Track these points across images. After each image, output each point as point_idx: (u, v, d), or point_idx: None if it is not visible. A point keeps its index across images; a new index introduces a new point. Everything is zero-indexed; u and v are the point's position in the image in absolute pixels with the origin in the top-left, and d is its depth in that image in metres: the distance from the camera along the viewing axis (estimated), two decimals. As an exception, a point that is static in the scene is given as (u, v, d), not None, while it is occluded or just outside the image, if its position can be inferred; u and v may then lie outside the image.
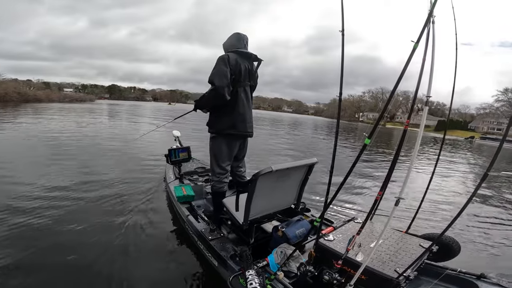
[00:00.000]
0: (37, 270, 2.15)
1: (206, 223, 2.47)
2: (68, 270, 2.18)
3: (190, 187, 3.02)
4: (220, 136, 2.35)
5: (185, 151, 3.51)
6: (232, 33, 2.38)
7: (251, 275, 1.63)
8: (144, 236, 2.78)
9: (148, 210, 3.38)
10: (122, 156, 6.38)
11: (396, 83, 1.26)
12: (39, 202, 3.34)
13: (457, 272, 1.83)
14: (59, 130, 9.74)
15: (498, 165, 11.33)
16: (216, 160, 2.41)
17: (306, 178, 2.34)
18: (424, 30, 1.20)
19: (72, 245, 2.50)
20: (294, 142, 13.17)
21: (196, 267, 2.37)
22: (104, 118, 17.33)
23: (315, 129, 25.66)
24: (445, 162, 10.45)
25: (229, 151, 2.40)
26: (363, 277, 1.46)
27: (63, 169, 4.85)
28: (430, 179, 2.33)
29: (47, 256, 2.34)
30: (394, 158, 1.39)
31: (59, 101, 34.31)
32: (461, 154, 15.58)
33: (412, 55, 1.20)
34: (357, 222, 2.19)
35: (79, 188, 3.93)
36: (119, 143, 7.99)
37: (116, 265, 2.28)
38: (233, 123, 2.30)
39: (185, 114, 3.29)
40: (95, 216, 3.09)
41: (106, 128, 11.92)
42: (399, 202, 1.30)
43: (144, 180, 4.52)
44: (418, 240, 1.92)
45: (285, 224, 2.14)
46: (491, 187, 6.38)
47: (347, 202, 4.37)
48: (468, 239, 3.42)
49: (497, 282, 1.71)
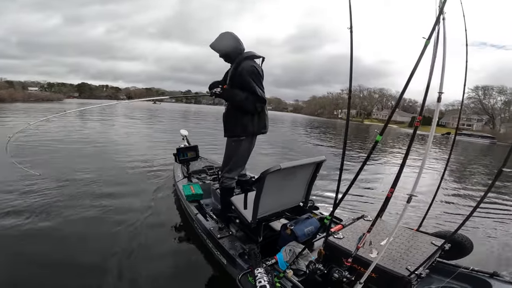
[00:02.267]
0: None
1: (214, 222, 2.49)
2: (76, 270, 2.22)
3: (198, 186, 3.04)
4: (245, 138, 2.33)
5: (193, 150, 3.53)
6: (221, 33, 2.30)
7: (260, 273, 1.63)
8: (152, 235, 2.81)
9: (156, 209, 3.41)
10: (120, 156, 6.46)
11: (407, 81, 1.26)
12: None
13: (469, 270, 1.80)
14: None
15: (474, 158, 11.25)
16: (236, 158, 2.39)
17: (314, 175, 2.33)
18: (435, 27, 1.18)
19: (77, 247, 2.54)
20: (273, 139, 12.87)
21: (205, 265, 2.39)
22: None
23: (294, 126, 25.52)
24: (434, 160, 10.31)
25: (249, 149, 2.43)
26: (373, 275, 1.45)
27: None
28: (442, 176, 2.30)
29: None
30: (405, 155, 1.37)
31: (23, 101, 32.11)
32: (446, 150, 15.25)
33: (423, 52, 1.19)
34: (366, 220, 2.17)
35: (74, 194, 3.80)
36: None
37: (125, 264, 2.32)
38: (262, 124, 2.37)
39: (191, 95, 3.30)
40: (101, 214, 3.14)
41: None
42: (411, 199, 1.28)
43: (150, 179, 4.57)
44: (429, 238, 1.89)
45: (294, 222, 2.13)
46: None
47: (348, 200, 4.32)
48: (480, 236, 3.35)
49: (510, 281, 1.68)
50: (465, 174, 8.51)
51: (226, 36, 2.28)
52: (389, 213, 3.43)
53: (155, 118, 20.21)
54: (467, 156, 12.31)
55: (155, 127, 14.02)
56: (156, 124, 16.10)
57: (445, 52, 1.24)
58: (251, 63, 2.21)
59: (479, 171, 9.41)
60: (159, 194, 3.95)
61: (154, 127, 14.28)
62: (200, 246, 2.58)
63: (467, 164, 10.94)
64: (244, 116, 2.26)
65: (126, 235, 2.74)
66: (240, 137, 2.31)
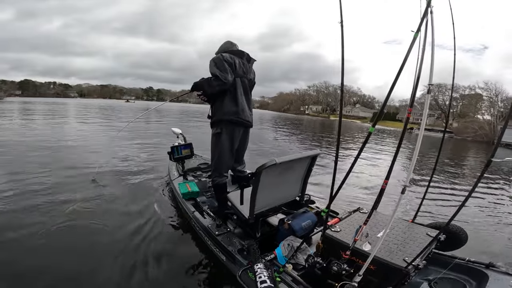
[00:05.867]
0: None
1: (212, 219, 2.48)
2: (71, 273, 2.16)
3: (194, 184, 3.02)
4: (222, 126, 2.40)
5: (188, 147, 3.51)
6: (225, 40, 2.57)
7: (260, 268, 1.64)
8: (150, 234, 2.78)
9: (152, 208, 3.38)
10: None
11: (395, 77, 1.27)
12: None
13: (465, 261, 1.83)
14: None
15: (425, 150, 11.60)
16: (218, 152, 2.45)
17: (309, 169, 2.34)
18: (423, 20, 1.19)
19: (73, 249, 2.49)
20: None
21: (204, 262, 2.38)
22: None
23: (261, 122, 25.59)
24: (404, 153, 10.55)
25: (231, 141, 2.44)
26: (371, 267, 1.46)
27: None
28: (434, 168, 2.33)
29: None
30: (397, 149, 1.38)
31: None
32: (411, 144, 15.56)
33: (412, 45, 1.20)
34: (362, 213, 2.18)
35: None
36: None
37: (125, 263, 2.29)
38: (235, 110, 2.38)
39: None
40: (96, 215, 3.10)
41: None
42: (405, 190, 1.29)
43: (144, 178, 4.53)
44: (425, 230, 1.91)
45: (291, 217, 2.14)
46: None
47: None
48: (475, 227, 3.42)
49: (506, 271, 1.71)
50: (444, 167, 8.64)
51: (224, 42, 2.58)
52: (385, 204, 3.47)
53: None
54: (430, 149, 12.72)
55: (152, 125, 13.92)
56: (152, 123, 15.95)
57: (434, 46, 1.24)
58: (223, 54, 2.36)
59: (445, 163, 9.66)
60: (154, 193, 3.91)
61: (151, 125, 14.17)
62: (199, 244, 2.57)
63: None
64: (217, 102, 2.41)
65: (123, 237, 2.71)
66: (214, 128, 2.44)
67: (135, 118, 4.75)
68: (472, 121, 38.77)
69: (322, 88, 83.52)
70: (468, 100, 47.56)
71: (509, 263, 1.84)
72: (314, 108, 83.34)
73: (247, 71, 2.49)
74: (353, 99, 79.36)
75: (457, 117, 46.24)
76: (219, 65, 2.30)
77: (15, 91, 71.84)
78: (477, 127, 35.88)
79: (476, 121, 39.01)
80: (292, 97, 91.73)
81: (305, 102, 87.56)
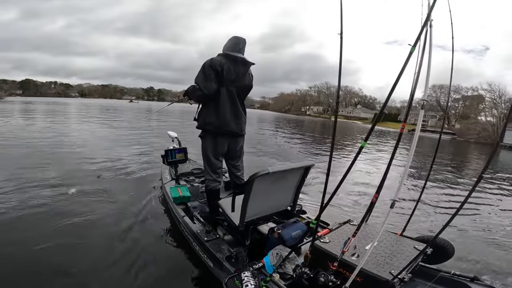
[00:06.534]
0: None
1: (201, 224, 2.47)
2: (62, 275, 2.15)
3: (186, 188, 3.01)
4: (205, 132, 2.44)
5: (182, 152, 3.48)
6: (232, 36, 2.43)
7: (247, 276, 1.63)
8: (138, 237, 2.75)
9: (142, 211, 3.35)
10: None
11: (392, 86, 1.29)
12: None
13: (450, 274, 1.85)
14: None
15: (427, 151, 11.76)
16: (205, 157, 2.49)
17: (302, 180, 2.35)
18: (421, 33, 1.21)
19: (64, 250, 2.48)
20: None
21: (191, 268, 2.36)
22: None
23: (261, 122, 25.90)
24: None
25: (215, 148, 2.45)
26: (358, 279, 1.47)
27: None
28: (426, 179, 2.36)
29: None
30: (389, 161, 1.39)
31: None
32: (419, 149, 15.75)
33: (409, 58, 1.22)
34: (352, 225, 2.20)
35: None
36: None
37: (107, 267, 2.26)
38: (213, 121, 2.37)
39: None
40: (85, 217, 3.06)
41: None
42: (394, 205, 1.31)
43: (135, 181, 4.49)
44: (412, 243, 1.93)
45: (281, 226, 2.13)
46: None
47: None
48: (463, 240, 3.44)
49: (490, 285, 1.73)
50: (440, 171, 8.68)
51: (230, 38, 2.43)
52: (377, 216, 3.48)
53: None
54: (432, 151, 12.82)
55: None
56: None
57: (430, 60, 1.27)
58: (214, 59, 2.30)
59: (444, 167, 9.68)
60: (146, 196, 3.88)
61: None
62: (187, 249, 2.55)
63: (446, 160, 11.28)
64: (202, 108, 2.43)
65: (112, 238, 2.68)
66: (201, 133, 2.47)
67: (150, 113, 4.69)
68: (474, 123, 38.26)
69: (323, 89, 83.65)
70: (470, 101, 47.38)
71: (495, 277, 1.87)
72: (315, 108, 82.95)
73: (238, 77, 2.41)
74: (354, 100, 79.64)
75: (460, 118, 46.14)
76: (205, 72, 2.28)
77: (16, 91, 71.95)
78: (480, 129, 35.24)
79: (478, 122, 38.54)
80: (293, 97, 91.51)
81: (306, 103, 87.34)
